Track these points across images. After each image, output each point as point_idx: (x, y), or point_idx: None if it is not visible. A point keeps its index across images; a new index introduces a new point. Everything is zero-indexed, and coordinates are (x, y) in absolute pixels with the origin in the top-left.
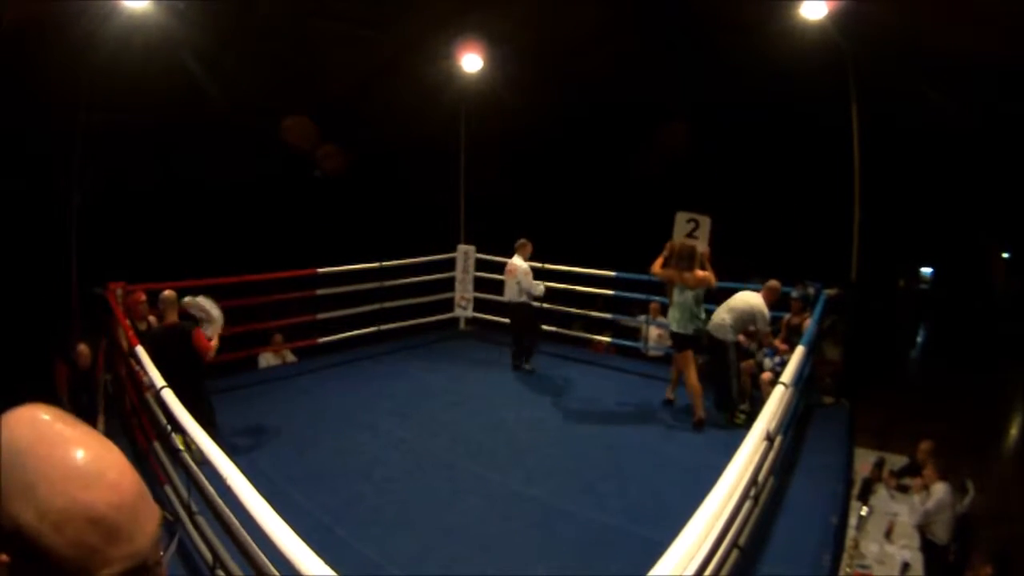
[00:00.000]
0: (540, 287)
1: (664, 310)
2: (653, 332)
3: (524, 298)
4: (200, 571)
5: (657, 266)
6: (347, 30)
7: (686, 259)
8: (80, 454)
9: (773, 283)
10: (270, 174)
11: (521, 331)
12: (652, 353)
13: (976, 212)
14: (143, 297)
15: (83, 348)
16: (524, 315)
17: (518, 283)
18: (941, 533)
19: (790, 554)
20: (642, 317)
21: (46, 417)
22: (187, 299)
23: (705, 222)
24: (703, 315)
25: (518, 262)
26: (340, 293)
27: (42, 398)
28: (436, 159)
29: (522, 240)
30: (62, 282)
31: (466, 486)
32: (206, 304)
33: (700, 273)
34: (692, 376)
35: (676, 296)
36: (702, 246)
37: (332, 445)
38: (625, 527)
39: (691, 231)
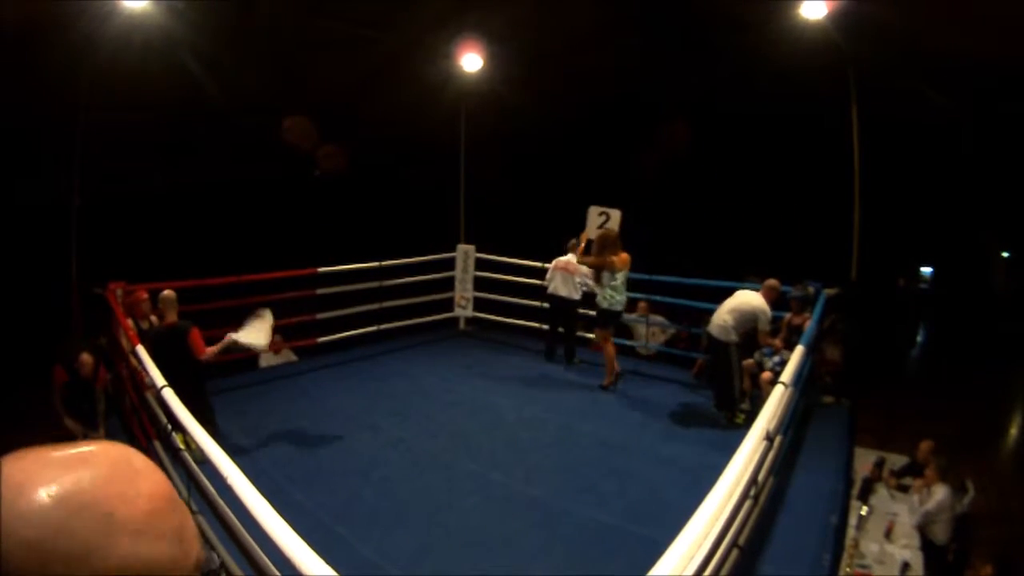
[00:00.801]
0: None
1: (654, 307)
2: (643, 329)
3: (578, 295)
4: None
5: (581, 255)
6: (347, 30)
7: (613, 245)
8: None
9: (772, 282)
10: (270, 174)
11: (563, 325)
12: (651, 351)
13: (976, 212)
14: (145, 295)
15: (86, 357)
16: (573, 311)
17: (578, 281)
18: (941, 534)
19: (790, 554)
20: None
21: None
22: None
23: (615, 215)
24: None
25: (573, 259)
26: (340, 292)
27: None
28: (436, 159)
29: (574, 240)
30: (62, 282)
31: (466, 486)
32: (261, 330)
33: (625, 255)
34: (606, 343)
35: (608, 279)
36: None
37: (332, 445)
38: (625, 527)
39: (603, 223)
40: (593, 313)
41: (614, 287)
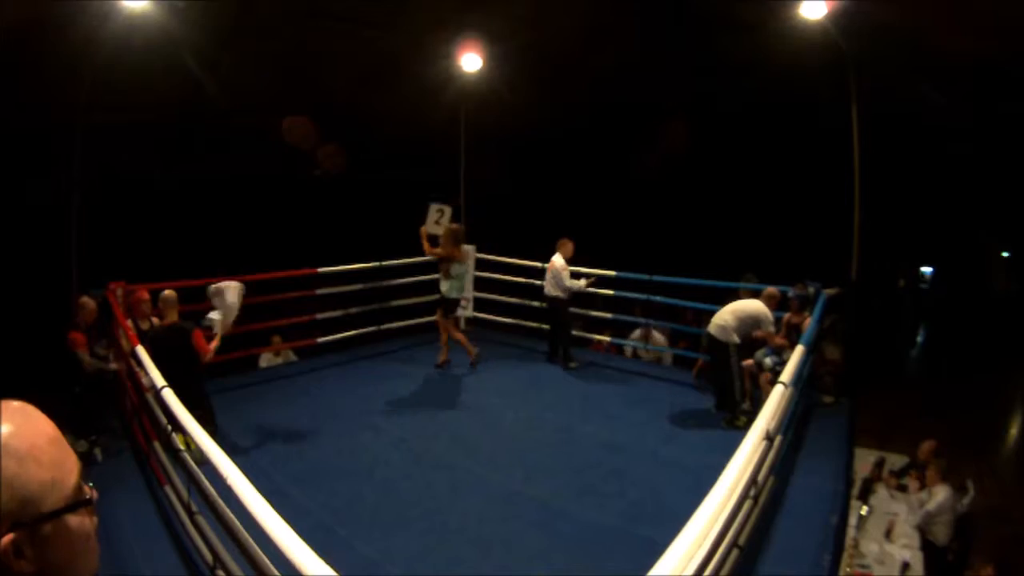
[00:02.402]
0: (578, 283)
1: (652, 309)
2: (655, 339)
3: (558, 292)
4: (200, 571)
5: (429, 248)
6: (347, 30)
7: (461, 239)
8: None
9: (771, 291)
10: (270, 174)
11: (554, 325)
12: (651, 353)
13: (976, 212)
14: (146, 296)
15: (86, 300)
16: (555, 310)
17: (553, 278)
18: (941, 535)
19: (790, 554)
20: (637, 333)
21: None
22: (214, 286)
23: (448, 211)
24: None
25: (555, 259)
26: (340, 292)
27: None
28: (436, 159)
29: (562, 239)
30: (62, 282)
31: (466, 486)
32: (226, 296)
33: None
34: (455, 330)
35: (455, 269)
36: (443, 229)
37: (332, 445)
38: (625, 527)
39: (438, 219)
40: (606, 314)
41: (459, 277)
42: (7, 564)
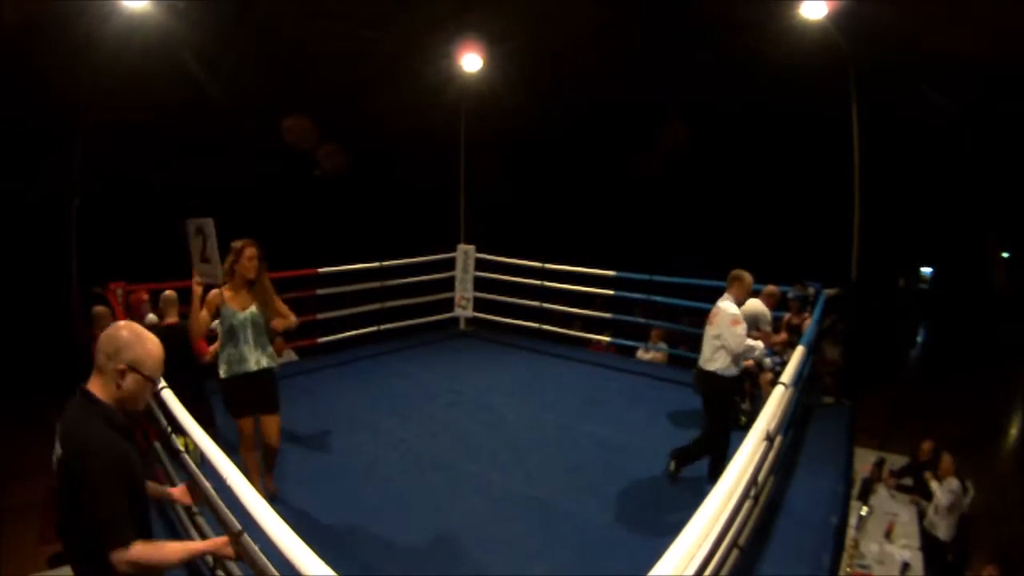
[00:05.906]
0: (757, 348)
1: (653, 312)
2: (656, 355)
3: (719, 365)
4: (200, 571)
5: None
6: (347, 30)
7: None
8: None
9: (771, 288)
10: (270, 174)
11: (704, 418)
12: (650, 353)
13: (976, 212)
14: (146, 296)
15: (100, 310)
16: (711, 390)
17: (716, 337)
18: (944, 532)
19: (790, 554)
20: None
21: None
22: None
23: (210, 225)
24: None
25: (724, 304)
26: (341, 293)
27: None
28: (436, 159)
29: (735, 271)
30: (62, 282)
31: (466, 486)
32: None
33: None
34: (277, 438)
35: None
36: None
37: (332, 445)
38: (625, 527)
39: (203, 246)
40: (606, 314)
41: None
42: (119, 383)
